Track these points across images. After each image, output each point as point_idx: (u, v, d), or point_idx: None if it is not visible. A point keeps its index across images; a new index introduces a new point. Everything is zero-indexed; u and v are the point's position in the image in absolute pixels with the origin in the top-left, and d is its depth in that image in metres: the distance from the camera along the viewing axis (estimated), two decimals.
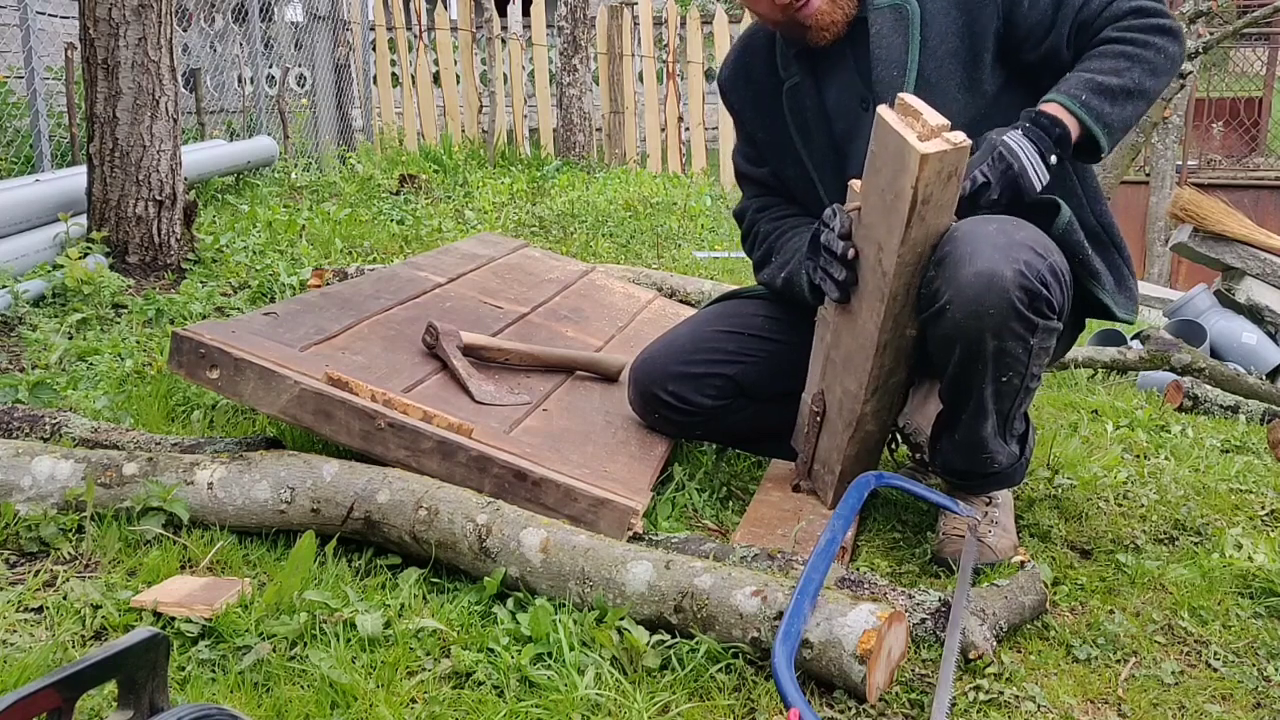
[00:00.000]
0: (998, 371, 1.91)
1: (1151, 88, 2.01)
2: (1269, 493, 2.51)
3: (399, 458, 1.99)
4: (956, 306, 1.85)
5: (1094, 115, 1.96)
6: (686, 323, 2.41)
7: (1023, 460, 2.10)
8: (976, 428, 1.99)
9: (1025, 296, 1.84)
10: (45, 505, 1.96)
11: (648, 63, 9.45)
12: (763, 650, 1.61)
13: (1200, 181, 9.81)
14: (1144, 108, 2.02)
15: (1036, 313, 1.87)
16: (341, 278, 3.64)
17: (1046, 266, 1.88)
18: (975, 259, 1.83)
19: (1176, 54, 2.03)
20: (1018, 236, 1.89)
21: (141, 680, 1.10)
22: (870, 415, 2.07)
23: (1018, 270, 1.83)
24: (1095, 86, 1.97)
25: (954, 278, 1.84)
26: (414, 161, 7.91)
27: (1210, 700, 1.66)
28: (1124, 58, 1.99)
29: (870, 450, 2.15)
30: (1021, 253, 1.85)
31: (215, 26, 7.78)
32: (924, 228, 1.84)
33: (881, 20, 2.11)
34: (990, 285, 1.82)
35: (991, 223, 1.90)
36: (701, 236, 5.88)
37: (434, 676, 1.58)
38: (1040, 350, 1.92)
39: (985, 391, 1.94)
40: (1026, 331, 1.87)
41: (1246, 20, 7.97)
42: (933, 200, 1.80)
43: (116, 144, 3.70)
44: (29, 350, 3.00)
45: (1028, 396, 2.01)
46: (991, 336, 1.86)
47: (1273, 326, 4.81)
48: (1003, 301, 1.83)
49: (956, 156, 1.76)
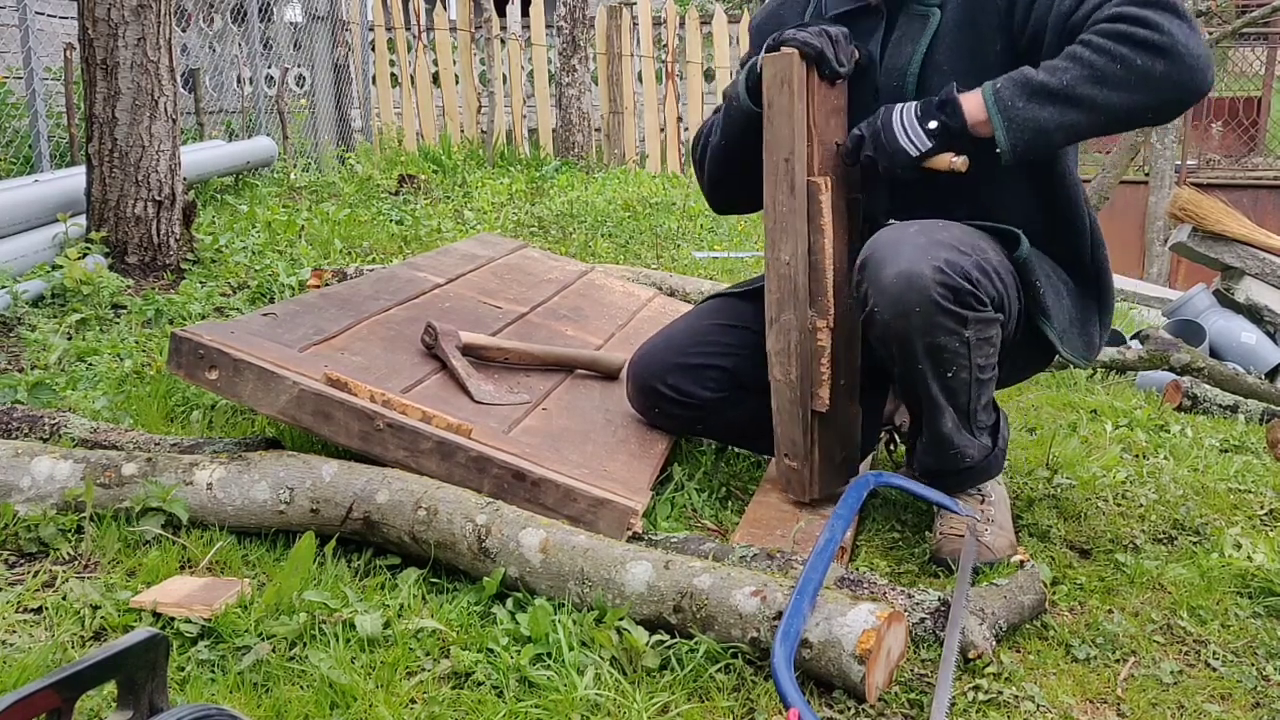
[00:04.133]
0: (939, 367, 1.94)
1: (1092, 97, 1.86)
2: (1268, 492, 2.51)
3: (398, 458, 1.99)
4: (883, 308, 1.91)
5: (1000, 106, 1.90)
6: (683, 318, 2.42)
7: (996, 451, 2.10)
8: (937, 425, 2.01)
9: (947, 292, 1.87)
10: (44, 506, 1.96)
11: (647, 63, 9.45)
12: (762, 650, 1.61)
13: (1199, 181, 9.81)
14: (1079, 118, 1.88)
15: (964, 306, 1.89)
16: (340, 278, 3.64)
17: (971, 263, 1.90)
18: (896, 260, 1.90)
19: (1147, 68, 1.83)
20: (939, 236, 1.93)
21: (141, 681, 1.10)
22: (774, 359, 2.12)
23: (936, 267, 1.87)
24: (1020, 80, 1.91)
25: (876, 280, 1.91)
26: (413, 162, 7.91)
27: (1209, 700, 1.66)
28: (1070, 59, 1.89)
29: (789, 413, 2.14)
30: (941, 251, 1.89)
31: (214, 27, 7.77)
32: (773, 134, 2.06)
33: (906, 25, 2.12)
34: (910, 284, 1.87)
35: (913, 226, 1.96)
36: (701, 237, 5.88)
37: (433, 677, 1.58)
38: (981, 341, 1.94)
39: (933, 388, 1.97)
40: (957, 325, 1.90)
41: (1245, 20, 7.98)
42: (775, 106, 2.04)
43: (115, 144, 3.70)
44: (28, 351, 3.00)
45: (984, 389, 2.01)
46: (921, 334, 1.90)
47: (1272, 326, 4.82)
48: (925, 299, 1.87)
49: (785, 61, 2.02)
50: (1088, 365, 2.17)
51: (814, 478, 2.15)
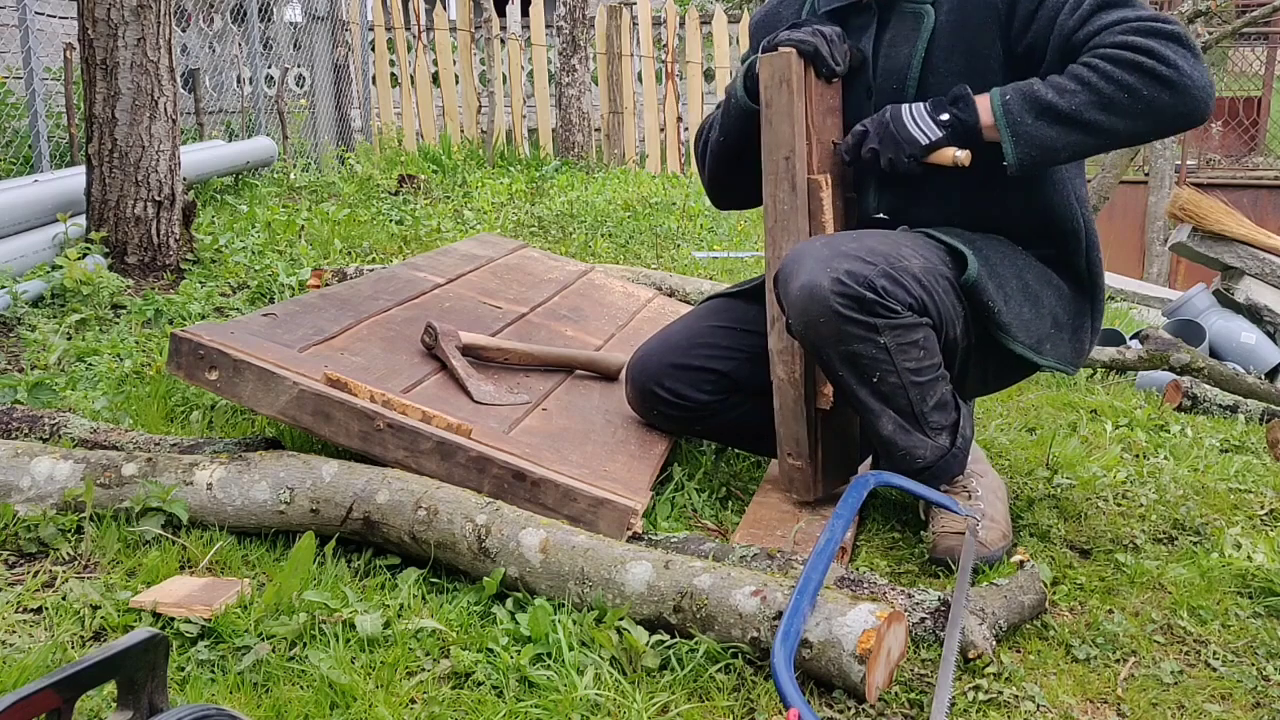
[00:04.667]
0: (860, 374, 1.95)
1: (1098, 122, 1.89)
2: (1268, 492, 2.51)
3: (398, 458, 2.00)
4: (793, 320, 1.96)
5: (1009, 119, 1.93)
6: (682, 319, 2.42)
7: (954, 450, 2.07)
8: (876, 428, 2.02)
9: (849, 302, 1.89)
10: (44, 506, 1.96)
11: (647, 63, 9.45)
12: (762, 650, 1.61)
13: (1199, 181, 9.82)
14: (1084, 139, 1.91)
15: (870, 314, 1.90)
16: (340, 278, 3.64)
17: (877, 271, 1.91)
18: (799, 274, 1.93)
19: (1153, 98, 1.87)
20: (844, 248, 1.94)
21: (141, 681, 1.10)
22: (777, 358, 2.11)
23: (835, 279, 1.89)
24: (1029, 95, 1.93)
25: (785, 293, 1.96)
26: (413, 162, 7.91)
27: (1209, 700, 1.66)
28: (1078, 81, 1.90)
29: (792, 411, 2.13)
30: (843, 262, 1.90)
31: (214, 27, 7.77)
32: (772, 133, 2.06)
33: (899, 25, 2.11)
34: (812, 296, 1.90)
35: (820, 239, 1.99)
36: (700, 237, 5.88)
37: (433, 677, 1.58)
38: (905, 345, 1.93)
39: (861, 394, 1.98)
40: (868, 333, 1.91)
41: (1245, 20, 7.99)
42: (774, 105, 2.04)
43: (115, 144, 3.70)
44: (28, 351, 3.00)
45: (924, 390, 1.98)
46: (833, 344, 1.93)
47: (1272, 326, 4.81)
48: (827, 310, 1.89)
49: (784, 61, 2.02)
50: (1073, 373, 2.16)
51: (818, 476, 2.15)
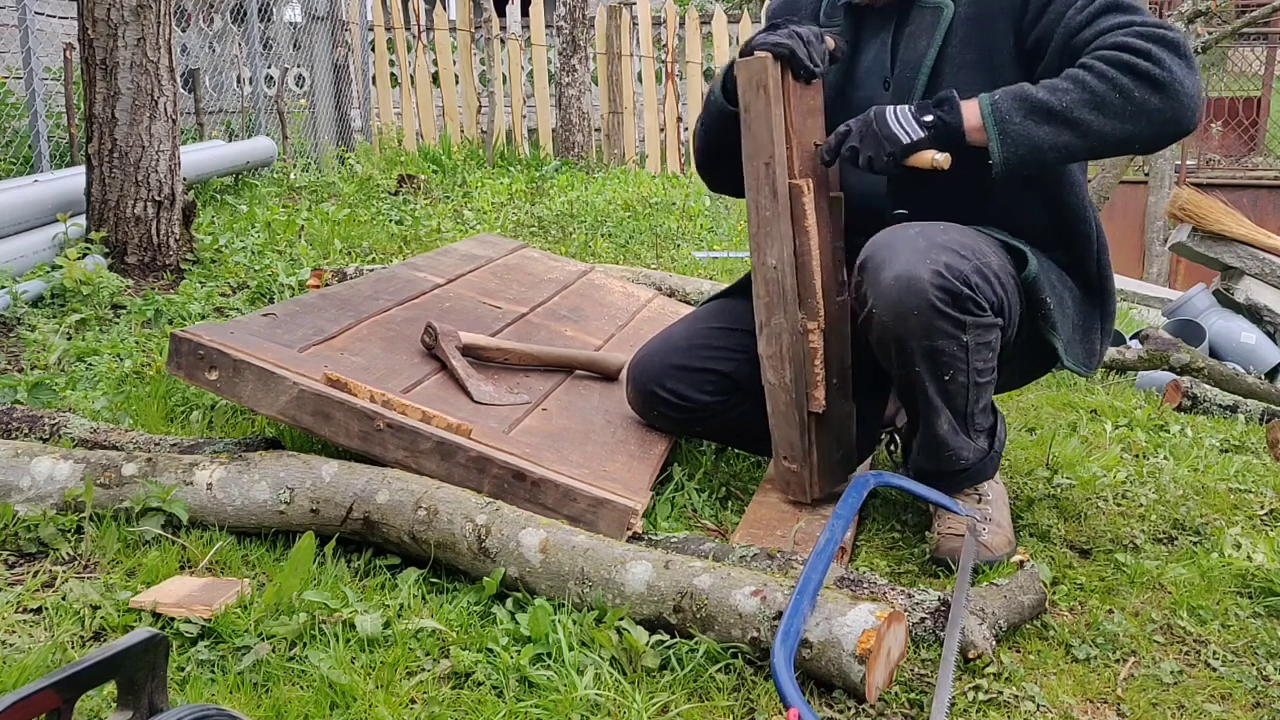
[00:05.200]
0: (937, 370, 1.94)
1: (1088, 122, 1.88)
2: (1268, 492, 2.51)
3: (398, 458, 2.00)
4: (881, 310, 1.91)
5: (997, 118, 1.91)
6: (683, 320, 2.42)
7: (992, 454, 2.10)
8: (933, 427, 2.01)
9: (946, 296, 1.87)
10: (44, 506, 1.96)
11: (646, 63, 9.45)
12: (762, 650, 1.61)
13: (1199, 181, 9.82)
14: (1072, 140, 1.90)
15: (962, 310, 1.89)
16: (340, 278, 3.64)
17: (971, 267, 1.90)
18: (894, 263, 1.90)
19: (1144, 100, 1.87)
20: (939, 239, 1.92)
21: (141, 681, 1.10)
22: (766, 363, 2.10)
23: (935, 271, 1.87)
24: (1020, 96, 1.92)
25: (875, 282, 1.91)
26: (413, 162, 7.91)
27: (1209, 700, 1.66)
28: (1072, 81, 1.90)
29: (784, 416, 2.13)
30: (941, 254, 1.89)
31: (214, 27, 7.77)
32: (751, 139, 2.02)
33: (919, 19, 2.12)
34: (909, 288, 1.87)
35: (914, 227, 1.96)
36: (700, 237, 5.88)
37: (433, 677, 1.58)
38: (980, 346, 1.93)
39: (929, 390, 1.97)
40: (955, 329, 1.90)
41: (1245, 20, 7.99)
42: (752, 110, 2.00)
43: (115, 144, 3.70)
44: (28, 351, 3.00)
45: (982, 392, 2.01)
46: (919, 337, 1.90)
47: (1271, 326, 4.81)
48: (923, 302, 1.87)
49: (759, 65, 1.99)
50: (1088, 374, 2.16)
51: (814, 478, 2.15)
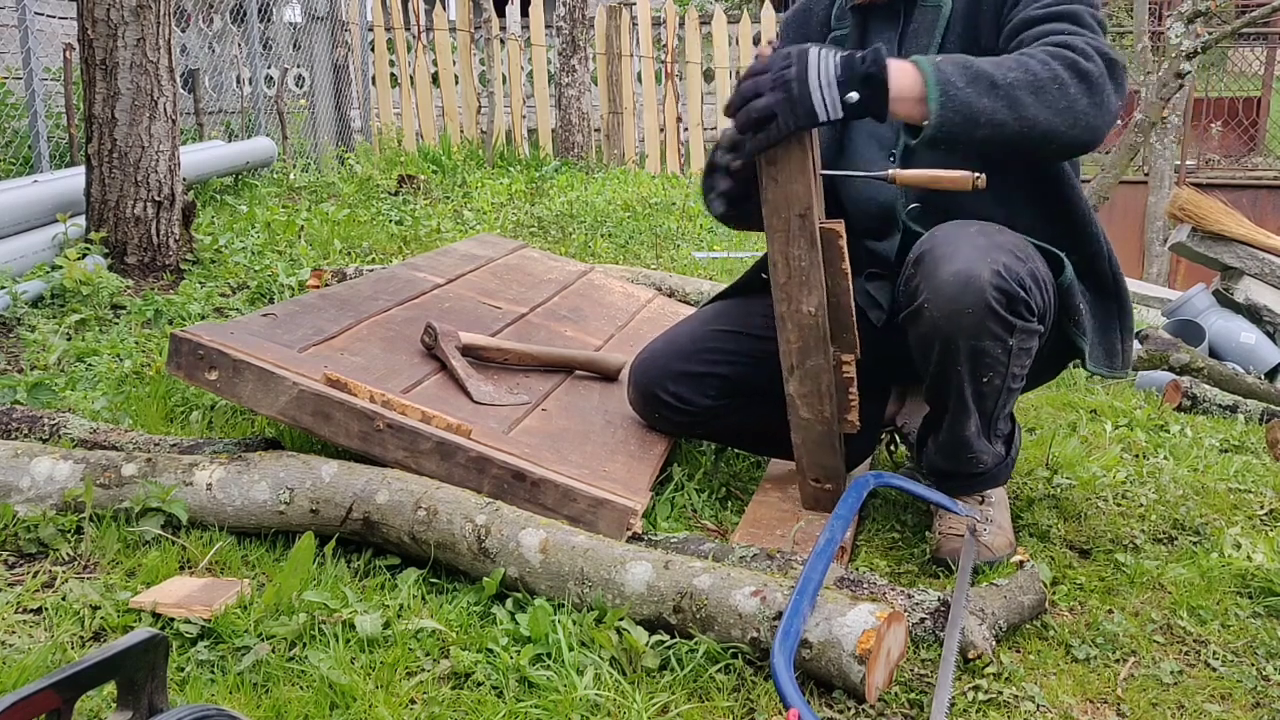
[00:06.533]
0: (977, 371, 1.92)
1: (1025, 104, 1.82)
2: (1268, 492, 2.51)
3: (398, 458, 2.00)
4: (934, 305, 1.88)
5: (940, 82, 1.82)
6: (686, 321, 2.41)
7: (1009, 460, 2.10)
8: (960, 428, 2.00)
9: (1002, 297, 1.86)
10: (44, 506, 1.96)
11: (646, 63, 9.45)
12: (762, 650, 1.61)
13: (1199, 181, 9.83)
14: (1006, 119, 1.82)
15: (1014, 314, 1.88)
16: (340, 278, 3.64)
17: (1026, 270, 1.89)
18: (953, 259, 1.87)
19: (1075, 98, 1.83)
20: (998, 240, 1.91)
21: (140, 681, 1.10)
22: (799, 401, 2.07)
23: (995, 271, 1.85)
24: (964, 64, 1.85)
25: (932, 276, 1.88)
26: (412, 162, 7.91)
27: (1209, 700, 1.66)
28: (1015, 60, 1.86)
29: (819, 444, 2.12)
30: (1000, 255, 1.87)
31: (214, 27, 7.77)
32: (777, 190, 1.90)
33: (921, 16, 2.13)
34: (967, 285, 1.85)
35: (972, 226, 1.93)
36: (700, 237, 5.88)
37: (433, 677, 1.58)
38: (1020, 351, 1.92)
39: (966, 391, 1.95)
40: (1004, 332, 1.89)
41: (1245, 20, 7.99)
42: (779, 162, 1.88)
43: (115, 145, 3.70)
44: (28, 351, 3.00)
45: (1010, 397, 2.01)
46: (968, 336, 1.88)
47: (1271, 326, 4.81)
48: (979, 302, 1.85)
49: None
50: (1114, 377, 2.15)
51: (843, 488, 2.14)
